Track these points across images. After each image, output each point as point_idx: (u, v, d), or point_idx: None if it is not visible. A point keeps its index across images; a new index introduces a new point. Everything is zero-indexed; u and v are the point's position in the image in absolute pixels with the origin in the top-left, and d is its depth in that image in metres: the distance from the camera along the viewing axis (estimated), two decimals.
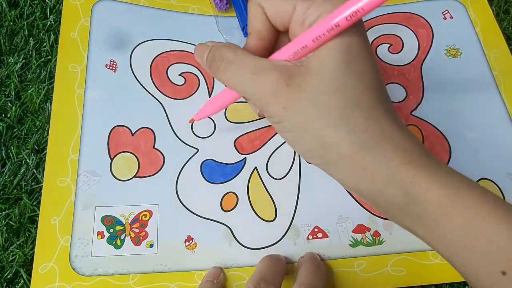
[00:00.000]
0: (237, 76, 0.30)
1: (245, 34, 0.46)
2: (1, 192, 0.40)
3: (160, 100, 0.44)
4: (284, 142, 0.42)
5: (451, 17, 0.49)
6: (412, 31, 0.48)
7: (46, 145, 0.41)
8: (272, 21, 0.31)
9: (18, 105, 0.43)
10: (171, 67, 0.45)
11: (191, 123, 0.42)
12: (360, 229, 0.39)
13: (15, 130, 0.42)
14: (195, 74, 0.45)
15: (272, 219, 0.39)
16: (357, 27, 0.28)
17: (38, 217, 0.38)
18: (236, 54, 0.30)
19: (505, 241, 0.25)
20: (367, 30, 0.47)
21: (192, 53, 0.46)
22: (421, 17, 0.49)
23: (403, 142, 0.28)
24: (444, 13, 0.49)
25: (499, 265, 0.25)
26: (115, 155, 0.41)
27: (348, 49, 0.28)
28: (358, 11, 0.26)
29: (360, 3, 0.26)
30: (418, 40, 0.48)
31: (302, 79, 0.28)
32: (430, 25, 0.48)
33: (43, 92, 0.43)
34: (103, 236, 0.38)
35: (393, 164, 0.27)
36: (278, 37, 0.32)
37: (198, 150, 0.42)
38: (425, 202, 0.27)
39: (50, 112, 0.42)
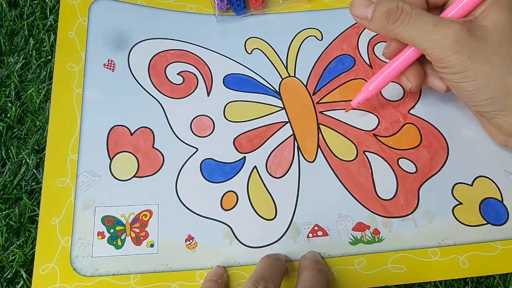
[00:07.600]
0: (416, 27, 0.32)
1: (235, 10, 0.47)
2: (1, 192, 0.40)
3: (158, 99, 0.44)
4: (284, 140, 0.42)
5: None
6: None
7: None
8: None
9: (18, 105, 0.43)
10: (169, 66, 0.45)
11: (348, 110, 0.42)
12: (360, 227, 0.39)
13: (15, 130, 0.42)
14: (193, 73, 0.45)
15: (272, 217, 0.39)
16: None
17: (38, 217, 0.39)
18: (413, 8, 0.33)
19: None
20: (363, 30, 0.47)
21: (190, 52, 0.46)
22: None
23: None
24: None
25: None
26: (115, 155, 0.41)
27: None
28: None
29: None
30: None
31: (482, 31, 0.31)
32: None
33: (43, 92, 0.43)
34: (103, 237, 0.38)
35: None
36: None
37: (197, 149, 0.42)
38: None
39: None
